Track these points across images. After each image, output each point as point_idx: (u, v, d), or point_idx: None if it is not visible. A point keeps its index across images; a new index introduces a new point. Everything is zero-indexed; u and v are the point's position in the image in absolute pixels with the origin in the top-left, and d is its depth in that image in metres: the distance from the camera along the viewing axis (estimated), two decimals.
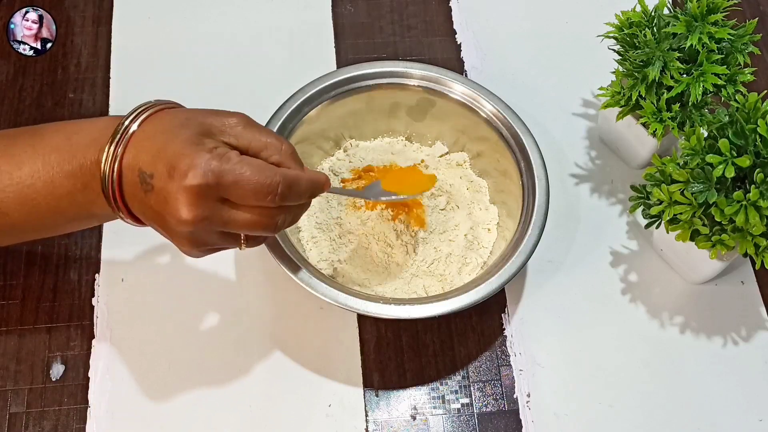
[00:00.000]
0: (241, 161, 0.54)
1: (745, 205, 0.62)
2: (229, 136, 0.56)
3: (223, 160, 0.53)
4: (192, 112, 0.57)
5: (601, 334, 0.74)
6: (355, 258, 0.74)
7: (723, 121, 0.66)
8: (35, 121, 0.82)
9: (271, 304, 0.74)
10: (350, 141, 0.81)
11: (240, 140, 0.56)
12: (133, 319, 0.72)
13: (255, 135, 0.57)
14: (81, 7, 0.89)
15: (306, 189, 0.57)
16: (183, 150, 0.53)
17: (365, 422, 0.69)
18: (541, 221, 0.69)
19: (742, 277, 0.77)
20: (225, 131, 0.56)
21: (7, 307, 0.72)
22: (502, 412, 0.70)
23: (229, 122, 0.57)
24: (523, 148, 0.73)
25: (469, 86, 0.76)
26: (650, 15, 0.72)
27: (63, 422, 0.68)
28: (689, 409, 0.71)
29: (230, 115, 0.57)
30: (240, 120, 0.57)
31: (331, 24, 0.90)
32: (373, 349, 0.72)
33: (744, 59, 0.71)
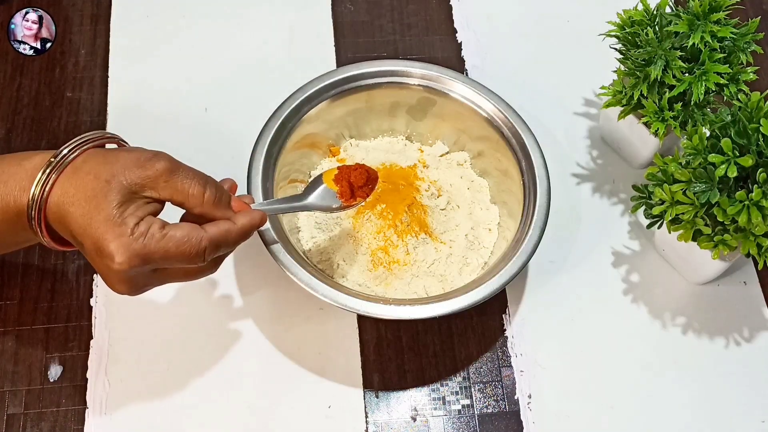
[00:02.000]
0: (164, 237, 0.55)
1: (748, 205, 0.62)
2: (150, 191, 0.57)
3: (147, 242, 0.55)
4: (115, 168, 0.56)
5: (603, 334, 0.74)
6: (355, 258, 0.73)
7: (725, 121, 0.66)
8: (33, 120, 0.81)
9: (271, 304, 0.73)
10: (350, 140, 0.80)
11: (161, 193, 0.57)
12: (131, 319, 0.72)
13: (176, 187, 0.57)
14: (79, 5, 0.89)
15: (235, 239, 0.59)
16: (105, 234, 0.54)
17: (365, 423, 0.69)
18: (542, 221, 0.69)
19: (745, 277, 0.77)
20: (146, 186, 0.56)
21: (5, 308, 0.72)
22: (503, 413, 0.70)
23: (150, 176, 0.56)
24: (524, 148, 0.73)
25: (470, 85, 0.76)
26: (652, 13, 0.72)
27: (61, 423, 0.68)
28: (691, 410, 0.71)
29: (151, 166, 0.56)
30: (162, 170, 0.57)
31: (330, 23, 0.90)
32: (373, 350, 0.72)
33: (746, 58, 0.70)
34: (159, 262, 0.56)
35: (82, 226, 0.55)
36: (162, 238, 0.55)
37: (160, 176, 0.56)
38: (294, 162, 0.75)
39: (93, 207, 0.55)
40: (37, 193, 0.56)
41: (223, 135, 0.82)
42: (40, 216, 0.56)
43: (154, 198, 0.57)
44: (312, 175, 0.79)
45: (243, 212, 0.60)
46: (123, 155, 0.57)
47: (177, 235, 0.55)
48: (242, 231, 0.59)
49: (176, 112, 0.83)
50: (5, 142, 0.80)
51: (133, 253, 0.54)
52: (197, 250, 0.56)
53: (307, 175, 0.78)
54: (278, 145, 0.72)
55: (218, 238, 0.57)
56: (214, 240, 0.57)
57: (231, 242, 0.59)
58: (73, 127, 0.81)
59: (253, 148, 0.70)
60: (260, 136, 0.71)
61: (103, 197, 0.55)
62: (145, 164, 0.56)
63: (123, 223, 0.54)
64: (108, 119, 0.82)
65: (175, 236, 0.55)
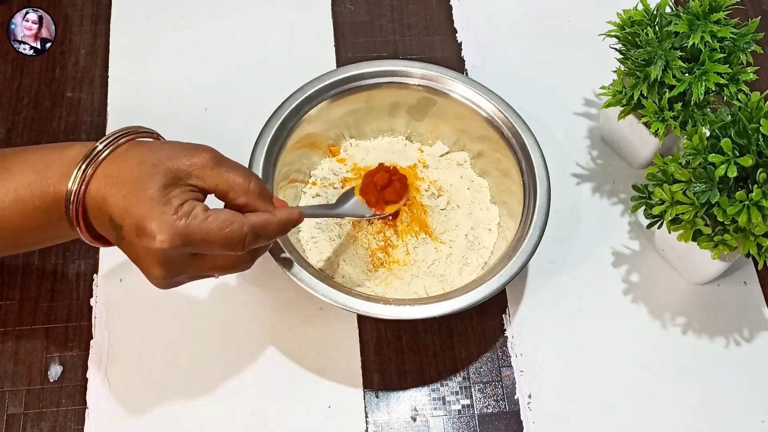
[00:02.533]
0: (207, 219, 0.55)
1: (748, 205, 0.62)
2: (196, 179, 0.57)
3: (190, 219, 0.54)
4: (161, 154, 0.57)
5: (603, 334, 0.74)
6: (355, 258, 0.73)
7: (725, 121, 0.66)
8: (33, 120, 0.81)
9: (271, 305, 0.73)
10: (350, 140, 0.80)
11: (207, 182, 0.57)
12: (131, 319, 0.72)
13: (222, 176, 0.57)
14: (79, 5, 0.89)
15: (275, 232, 0.59)
16: (149, 212, 0.54)
17: (365, 423, 0.69)
18: (542, 221, 0.69)
19: (745, 277, 0.77)
20: (192, 173, 0.57)
21: (5, 308, 0.72)
22: (503, 413, 0.70)
23: (196, 163, 0.57)
24: (524, 148, 0.73)
25: (470, 85, 0.76)
26: (652, 13, 0.72)
27: (61, 423, 0.68)
28: (691, 411, 0.71)
29: (197, 155, 0.57)
30: (207, 160, 0.57)
31: (330, 23, 0.90)
32: (373, 350, 0.72)
33: (746, 58, 0.70)
34: (199, 245, 0.55)
35: (123, 206, 0.55)
36: (205, 220, 0.55)
37: (206, 164, 0.57)
38: (294, 162, 0.75)
39: (137, 187, 0.55)
40: (77, 183, 0.56)
41: (223, 135, 0.81)
42: (78, 206, 0.56)
43: (199, 187, 0.57)
44: (312, 175, 0.79)
45: (283, 207, 0.61)
46: (168, 145, 0.58)
47: (220, 218, 0.55)
48: (281, 223, 0.59)
49: (176, 112, 0.83)
50: (5, 142, 0.80)
51: (175, 232, 0.54)
52: (239, 235, 0.56)
53: (307, 175, 0.78)
54: (278, 145, 0.72)
55: (259, 226, 0.57)
56: (255, 228, 0.57)
57: (270, 234, 0.58)
58: (73, 127, 0.81)
59: (253, 148, 0.70)
60: (260, 136, 0.71)
61: (148, 179, 0.55)
62: (192, 153, 0.57)
63: (167, 203, 0.54)
64: (108, 119, 0.82)
65: (218, 219, 0.55)
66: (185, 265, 0.57)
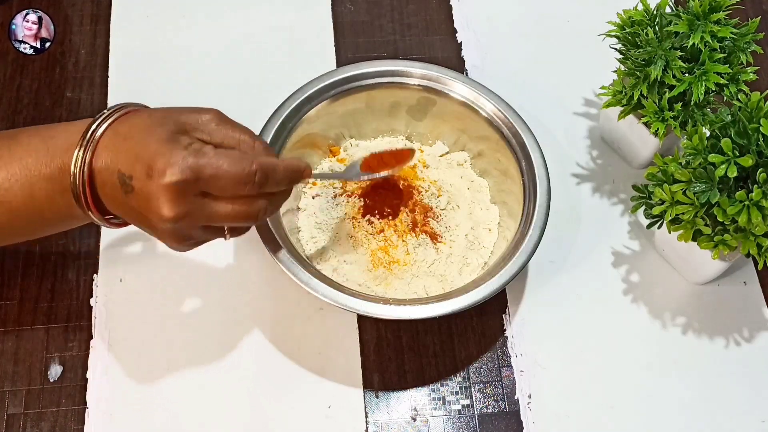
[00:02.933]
0: (217, 154, 0.55)
1: (748, 205, 0.62)
2: (202, 133, 0.57)
3: (200, 155, 0.54)
4: (167, 110, 0.58)
5: (603, 334, 0.74)
6: (355, 258, 0.73)
7: (725, 121, 0.66)
8: (33, 121, 0.81)
9: (271, 305, 0.73)
10: (350, 140, 0.80)
11: (213, 137, 0.58)
12: (131, 319, 0.72)
13: (228, 131, 0.58)
14: (79, 5, 0.89)
15: (284, 176, 0.58)
16: (159, 149, 0.54)
17: (365, 423, 0.69)
18: (542, 221, 0.69)
19: (745, 277, 0.77)
20: (198, 128, 0.57)
21: (5, 308, 0.72)
22: (503, 413, 0.70)
23: (203, 119, 0.58)
24: (524, 148, 0.73)
25: (470, 85, 0.76)
26: (652, 14, 0.72)
27: (61, 423, 0.68)
28: (691, 410, 0.71)
29: (204, 112, 0.58)
30: (213, 116, 0.58)
31: (330, 23, 0.90)
32: (373, 350, 0.72)
33: (746, 58, 0.70)
34: (210, 180, 0.55)
35: (133, 154, 0.55)
36: (215, 155, 0.55)
37: (212, 120, 0.58)
38: None
39: (147, 134, 0.55)
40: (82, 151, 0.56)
41: None
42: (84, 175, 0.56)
43: (205, 141, 0.57)
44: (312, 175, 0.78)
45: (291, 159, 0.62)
46: (171, 107, 0.59)
47: (230, 154, 0.55)
48: (289, 169, 0.58)
49: None
50: None
51: (185, 165, 0.54)
52: (249, 171, 0.55)
53: None
54: (278, 145, 0.72)
55: (267, 165, 0.56)
56: (263, 166, 0.56)
57: (278, 177, 0.58)
58: None
59: None
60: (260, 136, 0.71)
61: (157, 126, 0.56)
62: (199, 110, 0.59)
63: (177, 141, 0.55)
64: None
65: (228, 154, 0.55)
66: (196, 206, 0.56)
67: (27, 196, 0.58)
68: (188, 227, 0.57)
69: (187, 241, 0.59)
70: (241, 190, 0.56)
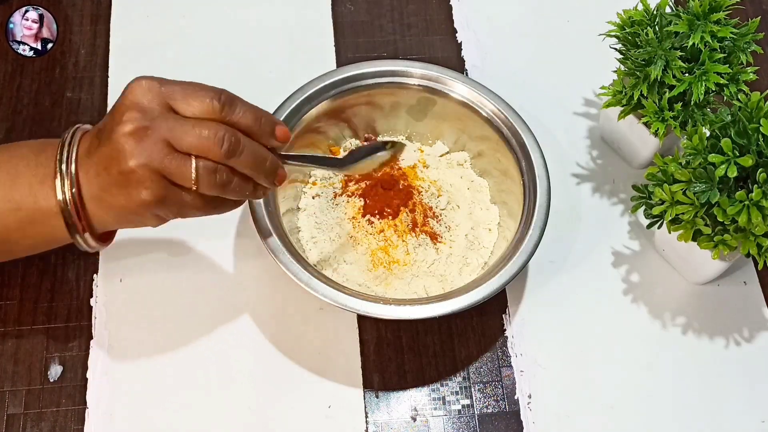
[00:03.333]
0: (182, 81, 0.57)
1: (748, 205, 0.62)
2: None
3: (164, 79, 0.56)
4: None
5: (603, 334, 0.74)
6: (355, 258, 0.73)
7: (725, 121, 0.66)
8: (33, 121, 0.81)
9: (271, 305, 0.73)
10: (350, 140, 0.80)
11: None
12: (131, 319, 0.72)
13: None
14: (79, 5, 0.89)
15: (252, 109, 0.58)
16: None
17: (365, 423, 0.69)
18: (543, 221, 0.69)
19: (745, 277, 0.77)
20: None
21: (5, 308, 0.72)
22: (503, 413, 0.70)
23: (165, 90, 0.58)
24: (524, 148, 0.73)
25: (470, 85, 0.76)
26: (652, 13, 0.72)
27: (61, 423, 0.68)
28: (691, 411, 0.71)
29: None
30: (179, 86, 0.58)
31: (330, 22, 0.90)
32: (373, 350, 0.72)
33: (746, 58, 0.70)
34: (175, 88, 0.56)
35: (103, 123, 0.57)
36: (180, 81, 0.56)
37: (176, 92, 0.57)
38: None
39: None
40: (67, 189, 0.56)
41: None
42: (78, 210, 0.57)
43: None
44: (312, 175, 0.78)
45: None
46: None
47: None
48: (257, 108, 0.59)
49: None
50: (5, 142, 0.80)
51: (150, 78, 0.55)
52: (214, 88, 0.56)
53: (307, 175, 0.78)
54: None
55: (233, 95, 0.57)
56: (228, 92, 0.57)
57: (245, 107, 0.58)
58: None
59: None
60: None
61: None
62: None
63: None
64: None
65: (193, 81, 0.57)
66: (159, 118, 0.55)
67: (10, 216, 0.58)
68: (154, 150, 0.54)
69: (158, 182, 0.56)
70: (208, 105, 0.56)
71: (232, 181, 0.58)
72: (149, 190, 0.55)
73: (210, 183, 0.57)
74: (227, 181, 0.57)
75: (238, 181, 0.58)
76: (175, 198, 0.57)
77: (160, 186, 0.56)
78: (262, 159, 0.59)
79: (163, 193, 0.56)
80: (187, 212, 0.59)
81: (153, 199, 0.56)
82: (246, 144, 0.57)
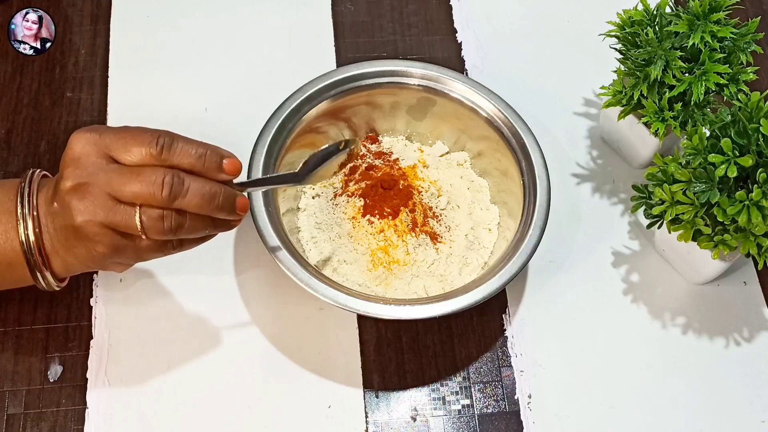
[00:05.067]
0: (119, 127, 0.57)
1: (748, 205, 0.62)
2: None
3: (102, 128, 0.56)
4: None
5: (603, 334, 0.74)
6: (355, 258, 0.73)
7: (725, 121, 0.66)
8: (33, 121, 0.81)
9: (271, 304, 0.73)
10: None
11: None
12: (131, 319, 0.72)
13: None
14: (79, 5, 0.89)
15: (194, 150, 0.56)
16: None
17: (365, 423, 0.69)
18: (542, 221, 0.69)
19: (745, 277, 0.77)
20: None
21: (5, 308, 0.72)
22: (503, 413, 0.70)
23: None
24: (524, 148, 0.73)
25: (470, 85, 0.76)
26: (652, 14, 0.72)
27: (61, 423, 0.68)
28: (691, 411, 0.71)
29: None
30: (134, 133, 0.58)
31: (330, 22, 0.90)
32: (373, 350, 0.72)
33: (746, 58, 0.70)
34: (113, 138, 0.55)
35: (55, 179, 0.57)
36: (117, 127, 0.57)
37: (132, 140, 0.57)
38: (294, 162, 0.75)
39: None
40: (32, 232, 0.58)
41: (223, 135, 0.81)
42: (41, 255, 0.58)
43: None
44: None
45: None
46: None
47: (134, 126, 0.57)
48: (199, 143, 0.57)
49: (176, 112, 0.83)
50: (5, 142, 0.80)
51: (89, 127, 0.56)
52: (152, 131, 0.56)
53: None
54: (278, 145, 0.72)
55: (172, 134, 0.56)
56: (168, 133, 0.56)
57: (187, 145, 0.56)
58: (73, 127, 0.81)
59: (253, 148, 0.70)
60: (260, 136, 0.71)
61: None
62: None
63: None
64: (108, 119, 0.82)
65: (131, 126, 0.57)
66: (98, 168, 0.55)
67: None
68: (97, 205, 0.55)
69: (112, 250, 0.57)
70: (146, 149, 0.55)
71: (183, 224, 0.57)
72: (102, 243, 0.56)
73: (158, 230, 0.56)
74: (178, 225, 0.57)
75: (192, 222, 0.57)
76: (130, 247, 0.58)
77: (111, 239, 0.56)
78: (211, 196, 0.57)
79: (117, 244, 0.57)
80: (146, 257, 0.60)
81: (108, 251, 0.57)
82: (191, 184, 0.56)
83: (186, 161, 0.56)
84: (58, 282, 0.61)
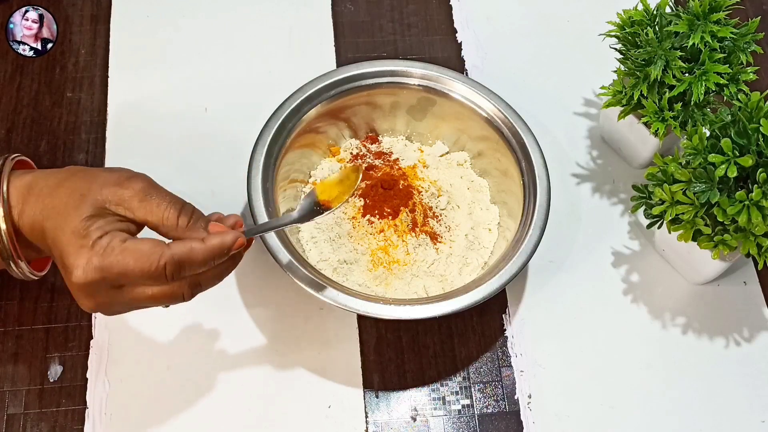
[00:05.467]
0: (124, 251, 0.54)
1: (748, 205, 0.62)
2: (125, 210, 0.57)
3: (105, 254, 0.54)
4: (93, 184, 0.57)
5: (603, 334, 0.74)
6: (355, 258, 0.73)
7: (725, 121, 0.66)
8: (33, 121, 0.81)
9: (271, 304, 0.73)
10: (350, 140, 0.80)
11: (137, 214, 0.57)
12: (131, 319, 0.72)
13: (152, 208, 0.57)
14: (79, 5, 0.89)
15: (202, 258, 0.56)
16: (68, 246, 0.54)
17: (365, 423, 0.69)
18: (542, 221, 0.69)
19: (745, 277, 0.77)
20: (120, 204, 0.56)
21: (5, 307, 0.72)
22: (503, 413, 0.70)
23: (126, 195, 0.57)
24: (524, 148, 0.73)
25: (470, 85, 0.76)
26: (652, 13, 0.72)
27: (61, 423, 0.68)
28: (691, 411, 0.71)
29: (129, 185, 0.57)
30: (137, 192, 0.57)
31: (330, 22, 0.90)
32: (373, 350, 0.72)
33: (746, 58, 0.70)
34: (119, 277, 0.54)
35: (52, 238, 0.56)
36: (121, 252, 0.54)
37: (135, 196, 0.56)
38: (294, 162, 0.75)
39: (63, 219, 0.55)
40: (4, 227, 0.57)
41: (223, 135, 0.82)
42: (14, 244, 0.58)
43: (128, 218, 0.57)
44: (312, 175, 0.79)
45: (216, 233, 0.58)
46: (104, 174, 0.58)
47: (137, 250, 0.54)
48: (210, 250, 0.56)
49: (176, 112, 0.83)
50: (5, 142, 0.80)
51: (90, 267, 0.54)
52: (157, 265, 0.54)
53: (307, 175, 0.78)
54: (278, 145, 0.72)
55: (181, 255, 0.55)
56: (176, 257, 0.55)
57: (197, 261, 0.56)
58: (73, 127, 0.81)
59: (253, 148, 0.70)
60: (260, 136, 0.71)
61: (74, 209, 0.55)
62: (123, 182, 0.57)
63: (87, 236, 0.54)
64: (108, 119, 0.82)
65: (135, 250, 0.54)
66: (112, 297, 0.56)
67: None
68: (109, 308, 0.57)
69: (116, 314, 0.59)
70: (155, 283, 0.56)
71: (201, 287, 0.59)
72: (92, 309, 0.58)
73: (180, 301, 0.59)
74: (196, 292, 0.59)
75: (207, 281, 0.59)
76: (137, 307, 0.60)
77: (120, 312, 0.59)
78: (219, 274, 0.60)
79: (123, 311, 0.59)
80: None
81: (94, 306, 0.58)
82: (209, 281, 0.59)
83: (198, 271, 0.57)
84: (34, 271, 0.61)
